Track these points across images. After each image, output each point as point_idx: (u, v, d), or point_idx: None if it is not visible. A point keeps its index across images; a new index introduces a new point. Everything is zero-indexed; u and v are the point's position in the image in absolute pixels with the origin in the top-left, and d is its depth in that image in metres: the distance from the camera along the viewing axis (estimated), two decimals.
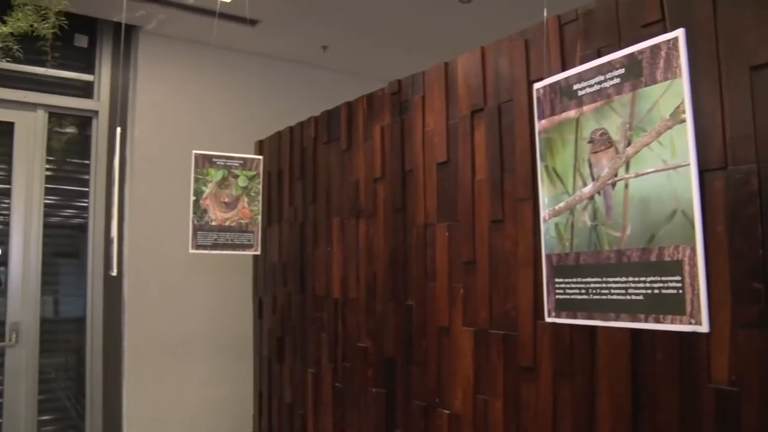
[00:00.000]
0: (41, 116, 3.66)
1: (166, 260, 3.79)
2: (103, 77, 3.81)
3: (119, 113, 3.80)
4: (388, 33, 3.99)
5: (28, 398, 3.56)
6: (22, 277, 3.57)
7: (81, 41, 3.74)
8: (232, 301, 3.95)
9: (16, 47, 2.42)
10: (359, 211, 2.71)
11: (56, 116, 3.74)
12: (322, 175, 3.02)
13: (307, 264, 3.11)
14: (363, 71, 4.44)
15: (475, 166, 2.11)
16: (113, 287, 3.74)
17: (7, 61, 2.45)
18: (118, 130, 2.10)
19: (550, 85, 1.49)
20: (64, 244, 3.81)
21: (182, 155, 3.43)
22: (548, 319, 1.49)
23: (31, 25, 2.44)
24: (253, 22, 3.74)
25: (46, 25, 2.46)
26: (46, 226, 3.66)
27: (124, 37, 3.83)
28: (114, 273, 2.02)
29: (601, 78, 1.36)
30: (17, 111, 3.60)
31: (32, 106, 3.64)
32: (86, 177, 3.82)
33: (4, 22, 2.41)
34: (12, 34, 2.43)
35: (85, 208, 3.80)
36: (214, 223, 2.62)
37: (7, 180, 3.57)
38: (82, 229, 3.81)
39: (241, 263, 3.84)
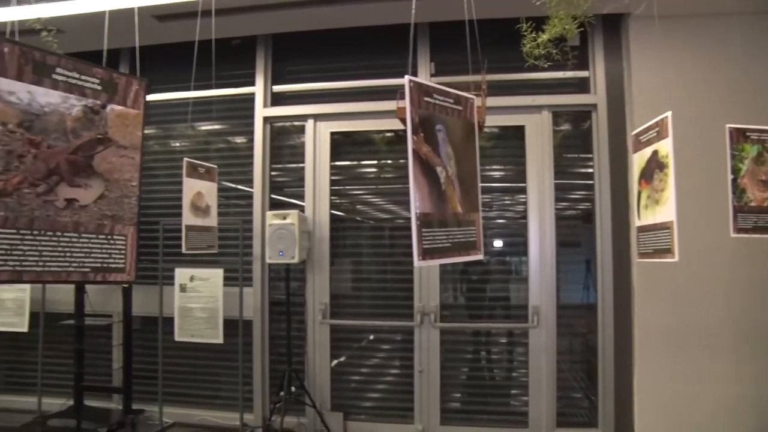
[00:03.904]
0: (546, 116, 3.96)
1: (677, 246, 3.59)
2: (597, 70, 3.90)
3: (618, 103, 3.83)
4: None
5: (548, 375, 3.88)
6: (540, 265, 3.91)
7: (574, 39, 3.89)
8: (755, 291, 3.53)
9: (555, 51, 2.62)
10: None
11: (556, 114, 3.99)
12: None
13: None
14: None
15: None
16: (623, 275, 3.76)
17: (543, 67, 2.64)
18: (669, 113, 2.04)
19: None
20: (567, 234, 4.03)
21: (686, 135, 3.26)
22: None
23: (564, 28, 2.61)
24: None
25: (574, 26, 2.59)
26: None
27: (614, 26, 3.86)
28: (676, 258, 1.97)
29: None
30: (526, 114, 3.98)
31: (538, 108, 3.97)
32: (588, 170, 3.96)
33: (543, 31, 2.64)
34: (549, 40, 2.64)
35: (589, 199, 3.94)
36: (753, 204, 2.41)
37: (522, 178, 3.95)
38: (585, 219, 3.96)
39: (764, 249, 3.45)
